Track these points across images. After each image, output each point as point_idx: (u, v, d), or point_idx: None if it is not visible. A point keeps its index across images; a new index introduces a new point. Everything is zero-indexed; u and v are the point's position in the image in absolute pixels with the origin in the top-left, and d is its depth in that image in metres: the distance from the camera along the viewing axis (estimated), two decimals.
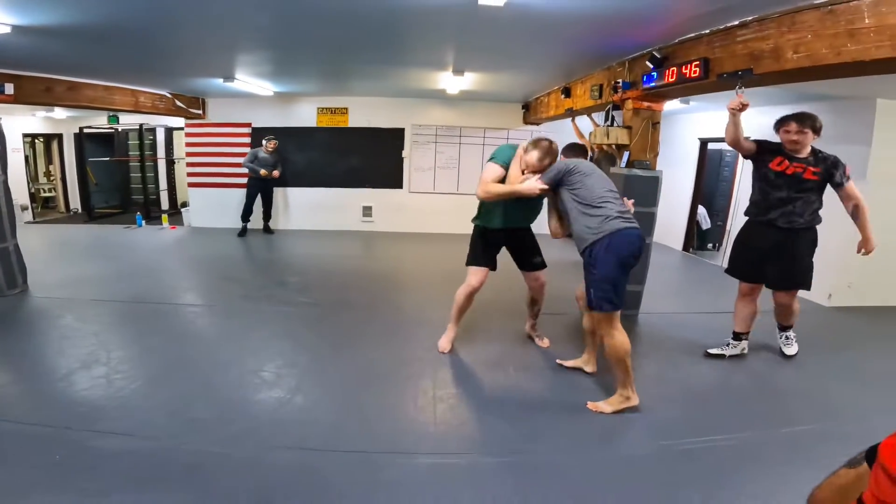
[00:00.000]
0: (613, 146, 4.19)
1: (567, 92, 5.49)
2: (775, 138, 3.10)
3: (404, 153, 8.04)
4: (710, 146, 6.99)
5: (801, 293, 5.01)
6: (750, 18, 2.60)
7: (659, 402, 2.84)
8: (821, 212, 3.17)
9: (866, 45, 2.00)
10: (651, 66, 3.49)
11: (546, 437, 2.47)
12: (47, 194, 10.07)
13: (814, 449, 2.34)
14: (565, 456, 2.31)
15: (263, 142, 7.31)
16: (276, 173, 7.27)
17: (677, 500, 2.02)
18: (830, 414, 2.74)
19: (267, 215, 7.72)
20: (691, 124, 7.10)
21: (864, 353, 3.67)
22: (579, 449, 2.38)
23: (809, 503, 0.95)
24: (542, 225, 2.99)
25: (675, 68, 3.26)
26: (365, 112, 7.86)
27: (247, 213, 7.47)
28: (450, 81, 5.70)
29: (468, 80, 5.70)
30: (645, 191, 3.92)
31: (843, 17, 2.10)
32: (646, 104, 3.91)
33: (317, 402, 2.77)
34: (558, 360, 3.23)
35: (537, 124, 7.80)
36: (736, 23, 2.71)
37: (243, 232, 7.51)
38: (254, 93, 6.80)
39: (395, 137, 7.99)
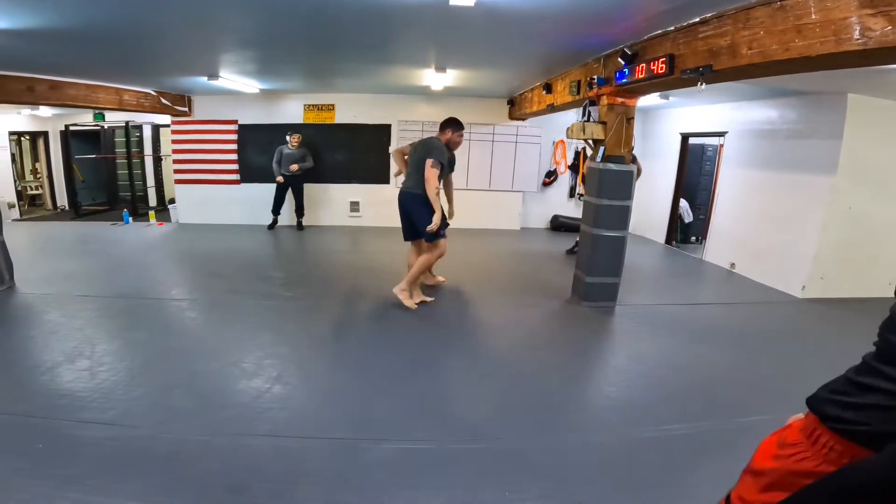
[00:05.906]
0: (590, 141, 4.26)
1: (548, 88, 5.57)
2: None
3: (391, 149, 8.09)
4: (692, 140, 7.09)
5: (776, 284, 5.17)
6: (710, 15, 2.67)
7: (625, 392, 2.95)
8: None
9: (812, 40, 2.06)
10: (623, 63, 3.56)
11: (513, 424, 2.56)
12: (34, 192, 10.03)
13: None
14: (531, 443, 2.39)
15: (287, 137, 7.34)
16: (293, 167, 7.25)
17: (643, 485, 2.10)
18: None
19: (299, 212, 7.75)
20: (673, 119, 7.21)
21: (831, 343, 3.76)
22: (545, 436, 2.46)
23: None
24: None
25: (644, 64, 3.34)
26: (351, 108, 7.90)
27: (276, 207, 7.62)
28: (433, 78, 5.75)
29: (451, 77, 5.76)
30: (619, 184, 4.00)
31: (792, 13, 2.16)
32: (619, 100, 3.99)
33: (295, 391, 2.85)
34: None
35: (522, 119, 7.87)
36: (697, 20, 2.78)
37: (273, 225, 7.72)
38: (239, 90, 6.82)
39: (381, 133, 8.04)
